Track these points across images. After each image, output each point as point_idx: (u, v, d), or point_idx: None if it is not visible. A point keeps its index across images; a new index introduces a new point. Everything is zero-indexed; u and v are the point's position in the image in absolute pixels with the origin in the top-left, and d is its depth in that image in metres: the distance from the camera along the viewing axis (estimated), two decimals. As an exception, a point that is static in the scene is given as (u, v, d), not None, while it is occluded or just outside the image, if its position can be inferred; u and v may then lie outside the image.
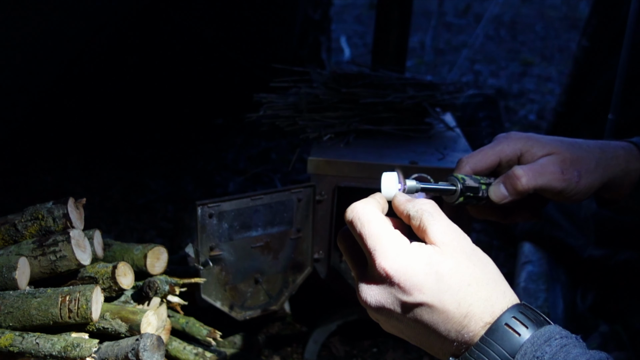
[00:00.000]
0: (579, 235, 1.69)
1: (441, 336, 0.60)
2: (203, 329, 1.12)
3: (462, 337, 0.59)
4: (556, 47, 5.27)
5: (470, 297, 0.59)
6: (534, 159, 0.81)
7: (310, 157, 1.18)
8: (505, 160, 0.82)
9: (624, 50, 1.75)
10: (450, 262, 0.60)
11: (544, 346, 0.55)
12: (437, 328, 0.60)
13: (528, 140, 0.82)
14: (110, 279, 1.05)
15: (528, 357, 0.55)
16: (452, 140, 1.35)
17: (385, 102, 1.33)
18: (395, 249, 0.61)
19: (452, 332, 0.59)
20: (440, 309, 0.59)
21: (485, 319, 0.58)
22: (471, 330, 0.58)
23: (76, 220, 1.09)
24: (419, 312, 0.60)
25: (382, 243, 0.62)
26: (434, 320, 0.60)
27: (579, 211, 1.69)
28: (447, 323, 0.59)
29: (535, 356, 0.55)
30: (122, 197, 2.18)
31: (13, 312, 0.98)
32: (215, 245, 1.11)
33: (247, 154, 2.62)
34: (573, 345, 0.56)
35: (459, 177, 0.79)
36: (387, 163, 1.16)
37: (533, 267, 1.70)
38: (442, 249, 0.61)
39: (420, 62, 4.48)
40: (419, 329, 0.61)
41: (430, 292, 0.59)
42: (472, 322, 0.58)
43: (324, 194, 1.19)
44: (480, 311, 0.58)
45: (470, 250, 0.63)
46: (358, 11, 6.57)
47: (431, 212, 0.65)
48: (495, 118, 2.31)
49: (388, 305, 0.61)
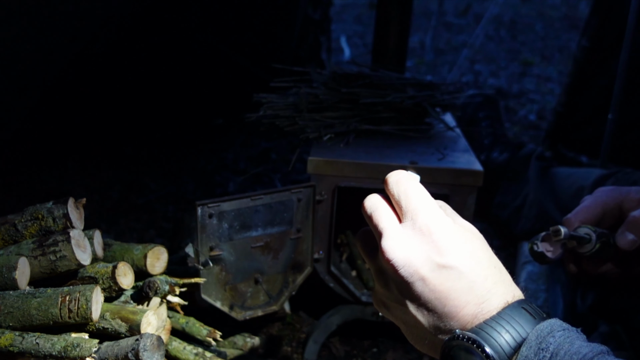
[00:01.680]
0: None
1: (458, 307, 0.60)
2: (203, 329, 1.12)
3: (480, 310, 0.59)
4: (556, 47, 5.27)
5: (496, 277, 0.61)
6: (633, 206, 0.87)
7: (310, 157, 1.18)
8: (609, 210, 0.89)
9: (624, 50, 1.75)
10: (480, 243, 0.63)
11: (548, 337, 0.56)
12: (458, 296, 0.60)
13: (621, 190, 0.89)
14: (110, 279, 1.05)
15: (533, 349, 0.56)
16: (452, 140, 1.35)
17: (385, 102, 1.33)
18: (439, 214, 0.63)
19: (471, 304, 0.60)
20: (469, 277, 0.60)
21: (505, 298, 0.60)
22: (492, 305, 0.59)
23: (76, 220, 1.09)
24: (446, 275, 0.60)
25: (429, 203, 0.63)
26: (458, 288, 0.60)
27: None
28: (470, 293, 0.60)
29: (540, 348, 0.56)
30: (122, 197, 2.18)
31: (13, 312, 0.98)
32: (215, 245, 1.11)
33: (247, 154, 2.62)
34: (575, 337, 0.57)
35: (589, 227, 0.87)
36: (387, 163, 1.16)
37: (533, 267, 1.70)
38: (472, 232, 0.64)
39: (420, 62, 4.48)
40: (437, 296, 0.60)
41: (465, 259, 0.60)
42: (493, 298, 0.60)
43: (324, 194, 1.19)
44: (502, 291, 0.60)
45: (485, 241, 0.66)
46: (358, 11, 6.57)
47: (452, 209, 0.66)
48: (495, 118, 2.31)
49: (417, 261, 0.60)
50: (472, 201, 1.18)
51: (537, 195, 1.84)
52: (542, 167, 1.90)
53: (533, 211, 1.84)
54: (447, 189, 1.17)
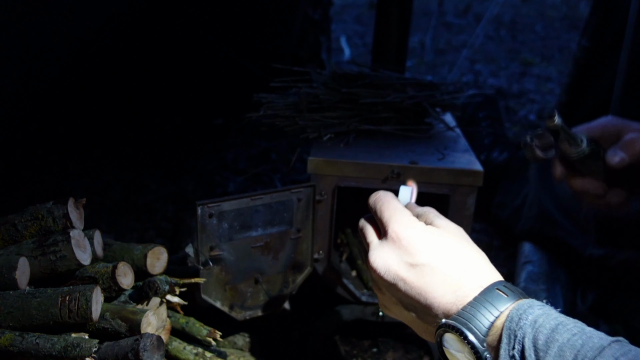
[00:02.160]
0: (579, 234, 1.69)
1: (438, 298, 0.67)
2: (203, 329, 1.12)
3: (457, 297, 0.66)
4: (556, 47, 5.27)
5: (467, 265, 0.68)
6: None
7: (310, 157, 1.18)
8: (607, 133, 0.94)
9: (624, 50, 1.75)
10: (451, 238, 0.71)
11: (528, 310, 0.62)
12: (435, 289, 0.67)
13: (624, 120, 0.95)
14: (110, 279, 1.05)
15: (514, 320, 0.61)
16: (452, 140, 1.35)
17: (385, 102, 1.33)
18: (408, 220, 0.73)
19: (448, 294, 0.67)
20: (439, 269, 0.68)
21: (479, 283, 0.66)
22: (466, 291, 0.66)
23: (76, 220, 1.09)
24: (420, 272, 0.68)
25: (398, 214, 0.73)
26: (433, 281, 0.68)
27: (579, 211, 1.69)
28: (444, 284, 0.67)
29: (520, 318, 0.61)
30: (122, 197, 2.18)
31: (13, 312, 0.98)
32: (215, 245, 1.11)
33: (247, 154, 2.62)
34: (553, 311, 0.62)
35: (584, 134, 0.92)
36: (387, 163, 1.16)
37: (533, 267, 1.70)
38: (445, 230, 0.72)
39: (420, 62, 4.48)
40: (418, 292, 0.68)
41: (433, 255, 0.69)
42: (466, 285, 0.66)
43: (324, 194, 1.19)
44: (474, 277, 0.67)
45: (468, 238, 0.74)
46: (358, 11, 6.57)
47: (436, 213, 0.76)
48: (495, 118, 2.31)
49: (394, 265, 0.70)
50: (472, 201, 1.18)
51: (537, 195, 1.84)
52: (543, 167, 1.90)
53: (533, 211, 1.84)
54: (447, 189, 1.17)
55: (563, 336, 0.58)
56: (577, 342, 0.58)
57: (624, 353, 0.56)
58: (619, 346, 0.57)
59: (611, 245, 1.59)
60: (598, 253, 1.61)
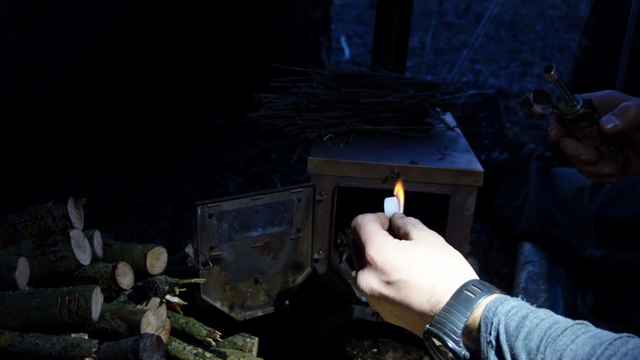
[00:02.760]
0: (579, 235, 1.68)
1: (417, 308, 0.74)
2: (203, 329, 1.12)
3: (432, 305, 0.73)
4: (556, 47, 5.27)
5: (437, 273, 0.75)
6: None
7: (310, 157, 1.18)
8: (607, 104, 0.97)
9: (624, 50, 1.74)
10: (421, 249, 0.78)
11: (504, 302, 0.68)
12: (412, 301, 0.75)
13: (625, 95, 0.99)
14: (110, 279, 1.05)
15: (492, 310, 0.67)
16: (452, 140, 1.35)
17: (385, 102, 1.33)
18: (380, 242, 0.80)
19: (424, 303, 0.74)
20: (412, 283, 0.75)
21: (450, 287, 0.72)
22: (440, 299, 0.72)
23: (76, 220, 1.09)
24: (397, 288, 0.76)
25: (371, 238, 0.81)
26: (409, 294, 0.75)
27: (579, 211, 1.69)
28: (419, 295, 0.74)
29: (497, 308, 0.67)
30: (122, 197, 2.18)
31: (12, 312, 0.98)
32: (215, 245, 1.11)
33: (247, 154, 2.62)
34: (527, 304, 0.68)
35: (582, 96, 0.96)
36: (387, 163, 1.16)
37: (533, 267, 1.70)
38: (416, 241, 0.80)
39: (420, 61, 4.48)
40: (400, 305, 0.76)
41: (404, 271, 0.76)
42: (439, 292, 0.73)
43: (324, 194, 1.19)
44: (446, 283, 0.73)
45: (441, 243, 0.81)
46: (358, 11, 6.57)
47: (413, 223, 0.85)
48: (495, 118, 2.30)
49: (375, 286, 0.78)
50: (472, 201, 1.18)
51: (538, 195, 1.83)
52: (543, 167, 1.90)
53: (533, 211, 1.84)
54: (447, 189, 1.17)
55: (532, 322, 0.64)
56: (544, 326, 0.63)
57: (585, 332, 0.62)
58: (581, 326, 0.63)
59: (611, 246, 1.58)
60: (598, 254, 1.61)
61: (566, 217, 1.73)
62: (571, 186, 1.73)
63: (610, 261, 1.58)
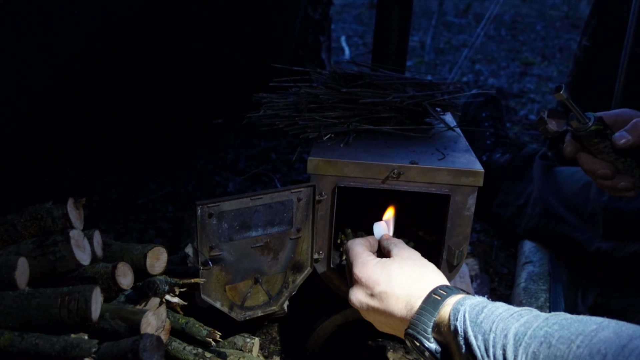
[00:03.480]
0: (585, 229, 1.68)
1: (397, 314, 0.88)
2: (203, 329, 1.12)
3: (407, 311, 0.86)
4: (557, 46, 5.27)
5: (410, 283, 0.89)
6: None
7: (310, 157, 1.18)
8: (621, 121, 1.02)
9: (624, 50, 1.74)
10: (397, 264, 0.93)
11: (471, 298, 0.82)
12: (393, 309, 0.89)
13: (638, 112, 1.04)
14: (109, 279, 1.05)
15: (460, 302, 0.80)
16: (452, 140, 1.34)
17: (385, 102, 1.33)
18: (364, 261, 0.96)
19: (402, 309, 0.87)
20: (391, 293, 0.89)
21: (421, 294, 0.86)
22: (413, 304, 0.86)
23: (76, 220, 1.09)
24: (380, 299, 0.90)
25: (357, 259, 0.98)
26: (390, 303, 0.89)
27: (585, 206, 1.68)
28: (397, 303, 0.88)
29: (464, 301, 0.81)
30: (121, 197, 2.18)
31: (12, 312, 0.98)
32: (215, 245, 1.11)
33: (247, 154, 2.62)
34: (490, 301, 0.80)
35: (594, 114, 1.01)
36: (387, 163, 1.16)
37: (533, 267, 1.70)
38: (395, 258, 0.96)
39: (420, 61, 4.48)
40: (385, 313, 0.90)
41: (384, 284, 0.91)
42: (413, 299, 0.87)
43: (324, 194, 1.18)
44: (418, 291, 0.87)
45: (417, 258, 0.96)
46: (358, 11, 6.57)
47: (395, 243, 1.02)
48: (498, 118, 2.30)
49: (363, 299, 0.94)
50: (472, 201, 1.17)
51: (542, 192, 1.83)
52: (547, 166, 1.90)
53: (537, 208, 1.83)
54: (447, 189, 1.16)
55: (490, 310, 0.77)
56: (497, 312, 0.76)
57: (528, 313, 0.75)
58: (529, 311, 0.75)
59: (619, 239, 1.59)
60: (606, 246, 1.61)
61: (572, 213, 1.73)
62: (577, 182, 1.74)
63: (618, 254, 1.58)
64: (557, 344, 0.67)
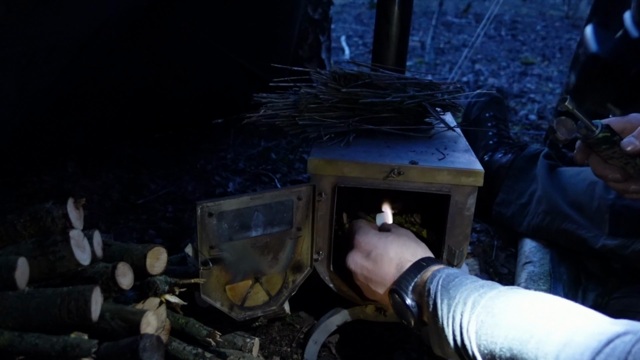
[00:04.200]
0: (590, 227, 1.68)
1: (387, 275, 1.04)
2: (203, 329, 1.12)
3: (397, 272, 1.03)
4: (557, 46, 5.26)
5: (405, 250, 1.05)
6: None
7: (310, 157, 1.17)
8: (630, 127, 1.06)
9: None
10: (394, 236, 1.09)
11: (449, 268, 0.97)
12: (385, 270, 1.05)
13: None
14: (109, 279, 1.05)
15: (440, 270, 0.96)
16: (452, 140, 1.34)
17: (385, 102, 1.33)
18: (365, 231, 1.14)
19: (393, 270, 1.04)
20: (386, 256, 1.05)
21: (411, 260, 1.02)
22: (403, 266, 1.02)
23: (75, 221, 1.09)
24: (374, 260, 1.07)
25: (360, 229, 1.15)
26: (383, 265, 1.05)
27: (591, 204, 1.68)
28: (390, 265, 1.04)
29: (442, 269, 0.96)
30: (121, 197, 2.18)
31: (12, 312, 0.98)
32: (215, 245, 1.11)
33: (247, 154, 2.62)
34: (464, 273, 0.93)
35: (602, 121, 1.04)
36: (387, 163, 1.16)
37: (534, 268, 1.70)
38: (392, 232, 1.13)
39: (420, 61, 4.48)
40: (376, 274, 1.06)
41: (381, 248, 1.07)
42: (403, 262, 1.03)
43: (324, 194, 1.18)
44: (409, 257, 1.04)
45: (412, 236, 1.12)
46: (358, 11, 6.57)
47: (395, 226, 1.19)
48: (501, 119, 2.29)
49: (358, 260, 1.10)
50: (472, 201, 1.17)
51: (546, 191, 1.83)
52: (551, 165, 1.90)
53: (541, 206, 1.83)
54: (447, 189, 1.16)
55: (460, 280, 0.90)
56: (466, 282, 0.89)
57: (492, 289, 0.85)
58: (490, 285, 0.87)
59: (626, 236, 1.58)
60: (612, 243, 1.61)
61: (577, 211, 1.73)
62: (582, 181, 1.74)
63: (625, 251, 1.58)
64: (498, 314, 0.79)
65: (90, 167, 2.37)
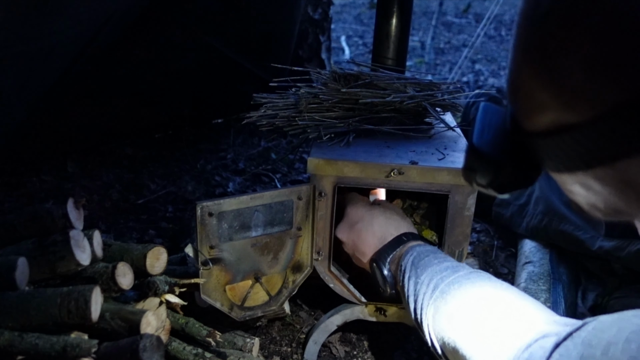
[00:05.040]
0: (587, 228, 1.68)
1: (371, 246, 1.10)
2: (203, 329, 1.12)
3: (379, 243, 1.08)
4: (556, 46, 5.25)
5: (389, 224, 1.11)
6: None
7: (310, 157, 1.17)
8: None
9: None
10: (381, 209, 1.15)
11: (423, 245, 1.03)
12: (369, 242, 1.10)
13: None
14: (109, 279, 1.05)
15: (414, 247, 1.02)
16: (452, 140, 1.34)
17: (385, 102, 1.33)
18: (355, 202, 1.19)
19: (376, 242, 1.09)
20: (370, 229, 1.11)
21: (393, 234, 1.08)
22: (386, 239, 1.08)
23: (75, 221, 1.09)
24: (358, 230, 1.13)
25: (351, 201, 1.21)
26: (368, 234, 1.11)
27: None
28: (374, 237, 1.10)
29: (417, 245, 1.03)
30: (121, 197, 2.18)
31: (12, 312, 0.98)
32: (215, 245, 1.11)
33: (247, 154, 2.62)
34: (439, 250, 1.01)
35: None
36: (387, 163, 1.16)
37: (534, 268, 1.70)
38: (381, 205, 1.19)
39: (420, 61, 4.48)
40: (362, 244, 1.11)
41: (367, 219, 1.12)
42: (386, 235, 1.09)
43: (324, 194, 1.18)
44: (392, 231, 1.09)
45: (398, 210, 1.18)
46: (358, 11, 6.57)
47: (385, 201, 1.26)
48: None
49: (345, 230, 1.16)
50: (472, 201, 1.17)
51: (544, 191, 1.83)
52: None
53: (539, 207, 1.83)
54: (447, 189, 1.16)
55: (430, 259, 0.95)
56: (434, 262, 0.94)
57: (455, 272, 0.89)
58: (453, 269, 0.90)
59: (622, 237, 1.58)
60: (609, 245, 1.61)
61: (574, 213, 1.73)
62: None
63: (621, 253, 1.58)
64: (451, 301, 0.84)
65: (90, 167, 2.37)
